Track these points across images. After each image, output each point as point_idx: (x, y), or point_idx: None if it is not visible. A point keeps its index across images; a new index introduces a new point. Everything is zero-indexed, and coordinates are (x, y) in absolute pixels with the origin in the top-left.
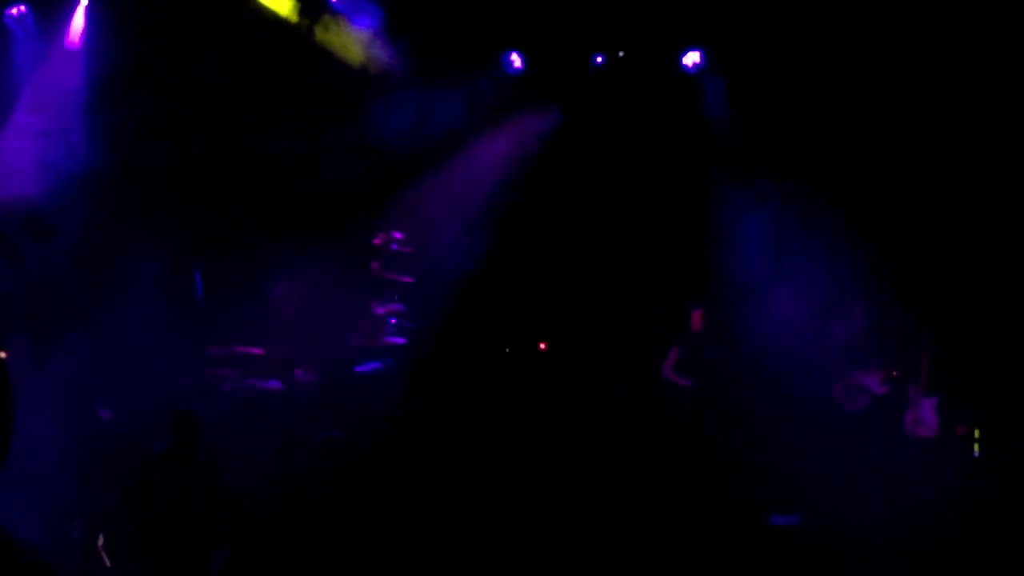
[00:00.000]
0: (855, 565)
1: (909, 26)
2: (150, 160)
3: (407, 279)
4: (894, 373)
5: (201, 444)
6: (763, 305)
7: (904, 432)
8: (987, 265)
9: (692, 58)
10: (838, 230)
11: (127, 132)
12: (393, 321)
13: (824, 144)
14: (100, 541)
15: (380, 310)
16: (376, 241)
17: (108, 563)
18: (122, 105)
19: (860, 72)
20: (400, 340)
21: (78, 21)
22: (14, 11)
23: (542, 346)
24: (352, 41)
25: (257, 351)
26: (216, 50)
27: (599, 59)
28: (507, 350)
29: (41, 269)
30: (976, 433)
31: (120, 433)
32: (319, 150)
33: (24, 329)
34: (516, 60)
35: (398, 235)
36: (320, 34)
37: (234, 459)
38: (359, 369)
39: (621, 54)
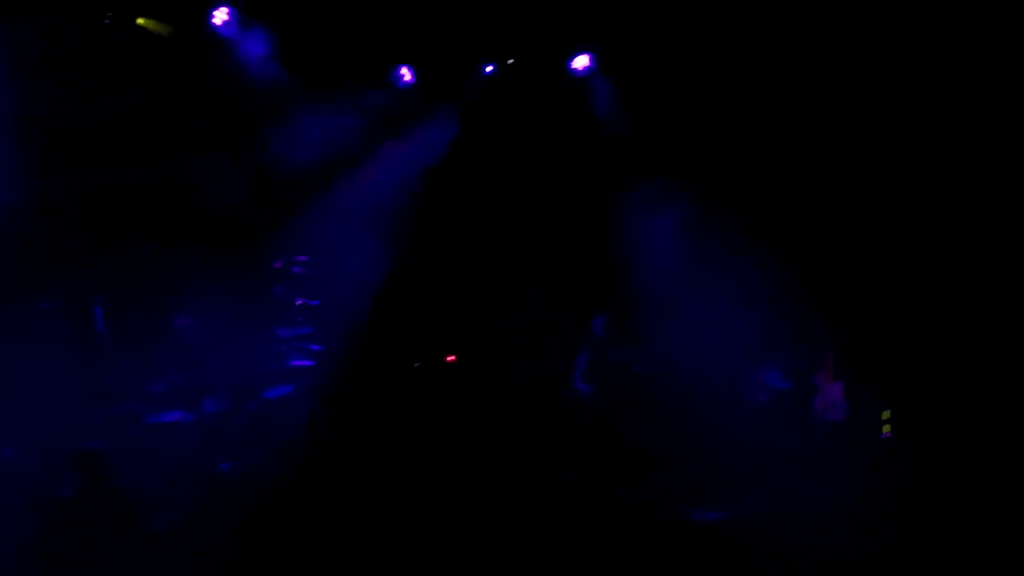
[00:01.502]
0: (777, 552)
1: (791, 24)
2: (41, 198)
3: (313, 302)
4: (797, 367)
5: (111, 482)
6: (670, 305)
7: (815, 418)
8: (885, 251)
9: (581, 61)
10: (739, 228)
11: (14, 172)
12: (299, 344)
13: (718, 144)
14: None
15: (286, 334)
16: (277, 265)
17: None
18: (7, 145)
19: (749, 68)
20: (308, 363)
21: None
22: None
23: (450, 358)
24: (243, 65)
25: (162, 384)
26: (104, 82)
27: (489, 68)
28: (416, 365)
29: None
30: (885, 415)
31: (25, 475)
32: (215, 177)
33: None
34: (406, 74)
35: (301, 258)
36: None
37: (149, 495)
38: (268, 394)
39: (511, 61)
